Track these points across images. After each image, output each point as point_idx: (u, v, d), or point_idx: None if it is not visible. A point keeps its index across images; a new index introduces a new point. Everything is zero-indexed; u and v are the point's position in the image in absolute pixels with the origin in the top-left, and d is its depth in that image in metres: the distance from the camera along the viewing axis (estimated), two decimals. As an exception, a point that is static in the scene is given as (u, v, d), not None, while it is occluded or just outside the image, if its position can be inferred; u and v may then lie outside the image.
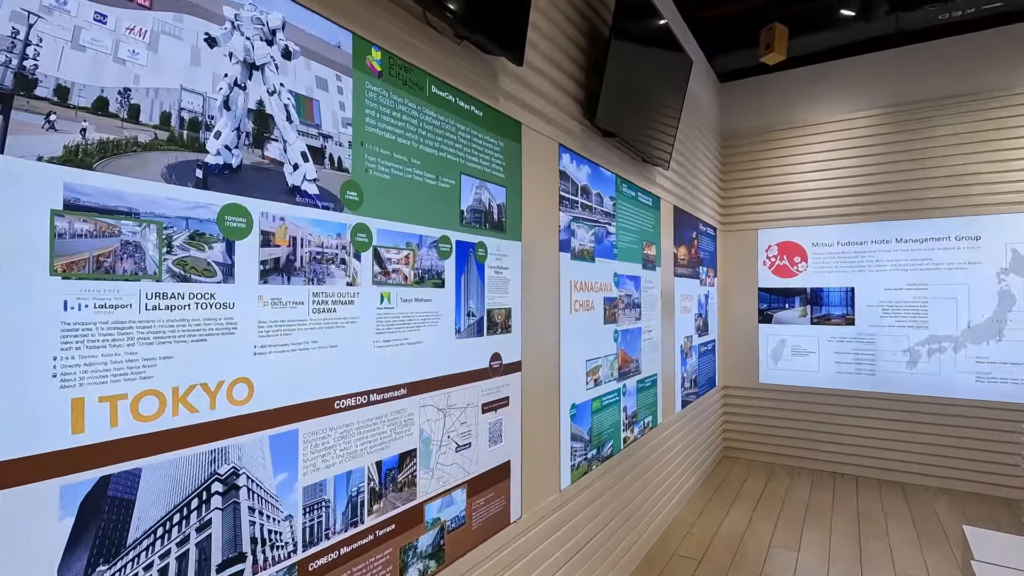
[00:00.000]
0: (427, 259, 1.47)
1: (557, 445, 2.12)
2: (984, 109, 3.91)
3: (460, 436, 1.58)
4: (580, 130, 2.33)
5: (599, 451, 2.47)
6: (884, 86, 4.25)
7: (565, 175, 2.21)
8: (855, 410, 4.30)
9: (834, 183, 4.40)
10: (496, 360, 1.75)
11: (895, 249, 4.19)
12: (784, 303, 4.60)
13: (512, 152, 1.85)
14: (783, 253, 4.61)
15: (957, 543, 3.04)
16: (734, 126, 4.83)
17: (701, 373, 4.15)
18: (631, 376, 2.83)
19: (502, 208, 1.79)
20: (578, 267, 2.31)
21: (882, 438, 4.19)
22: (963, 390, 3.95)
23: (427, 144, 1.47)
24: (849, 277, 4.35)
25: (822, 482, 4.11)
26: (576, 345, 2.28)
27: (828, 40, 4.14)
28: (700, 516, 3.46)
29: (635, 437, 2.87)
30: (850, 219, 4.34)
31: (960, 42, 4.00)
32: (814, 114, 4.49)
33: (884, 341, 4.22)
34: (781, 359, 4.60)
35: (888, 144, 4.21)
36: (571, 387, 2.24)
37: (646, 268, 3.06)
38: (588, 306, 2.40)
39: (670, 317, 3.45)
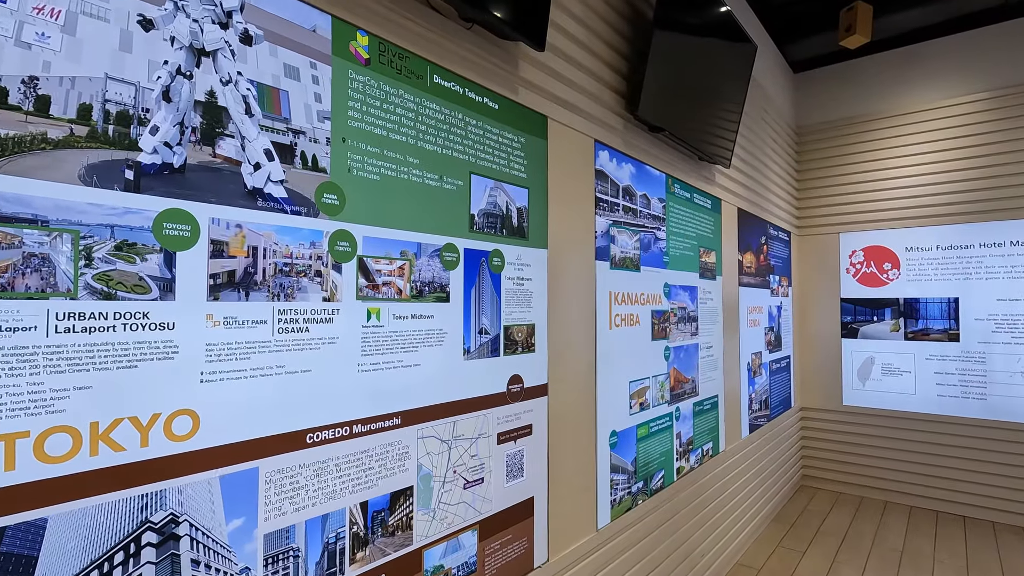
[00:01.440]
0: (428, 270, 1.29)
1: (593, 478, 1.88)
2: (1125, 85, 3.27)
3: (469, 471, 1.39)
4: (621, 125, 2.10)
5: (647, 484, 2.19)
6: (990, 66, 3.67)
7: (603, 175, 1.99)
8: (961, 439, 3.70)
9: (931, 179, 3.85)
10: (516, 383, 1.55)
11: (1010, 253, 3.59)
12: (872, 315, 4.07)
13: (536, 149, 1.65)
14: (870, 259, 4.09)
15: (1101, 612, 2.48)
16: (810, 120, 4.37)
17: (773, 393, 3.72)
18: (686, 398, 2.53)
19: (523, 212, 1.59)
20: (620, 277, 2.07)
21: (995, 473, 3.58)
22: (1103, 421, 3.30)
23: (428, 140, 1.31)
24: (952, 286, 3.77)
25: (920, 522, 3.56)
26: (617, 365, 2.04)
27: (920, 18, 3.63)
28: (771, 557, 3.06)
29: (691, 467, 2.56)
30: (952, 219, 3.78)
31: (1091, 8, 3.38)
32: (904, 102, 3.97)
33: (997, 360, 3.61)
34: (870, 379, 4.07)
35: (997, 132, 3.63)
36: (611, 412, 1.99)
37: (704, 277, 2.75)
38: (632, 320, 2.14)
39: (734, 331, 3.10)
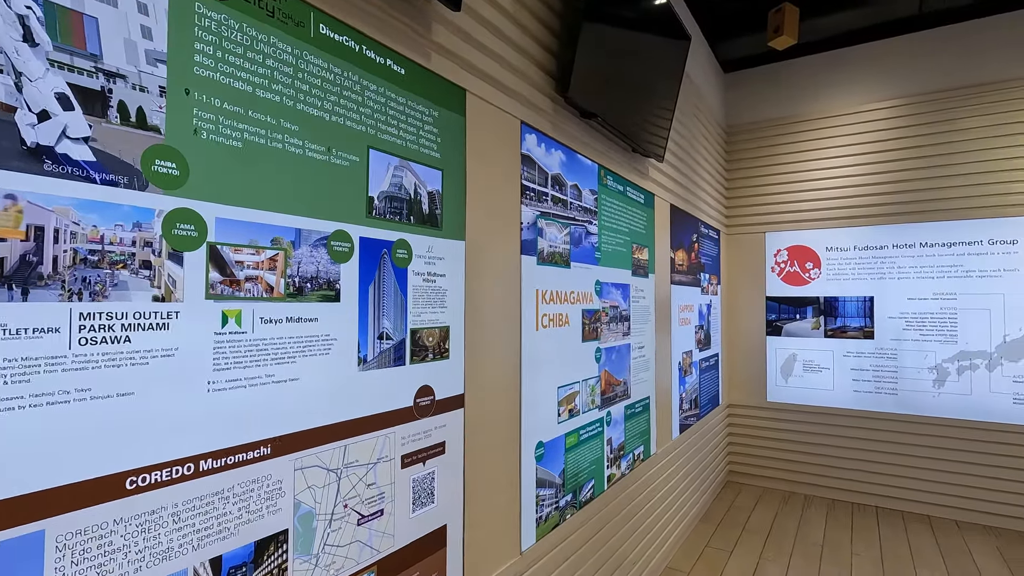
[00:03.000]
0: (311, 262, 1.06)
1: (517, 496, 1.70)
2: (1018, 98, 3.47)
3: (365, 503, 1.17)
4: (550, 107, 1.92)
5: (575, 496, 2.04)
6: (906, 74, 3.82)
7: (530, 160, 1.80)
8: (875, 433, 3.85)
9: (850, 181, 3.97)
10: (425, 396, 1.33)
11: (920, 254, 3.75)
12: (795, 314, 4.16)
13: (452, 126, 1.44)
14: (793, 259, 4.18)
15: (1002, 599, 2.59)
16: (739, 119, 4.41)
17: (703, 392, 3.71)
18: (617, 401, 2.41)
19: (436, 197, 1.38)
20: (548, 273, 1.90)
21: (906, 464, 3.74)
22: (999, 413, 3.50)
23: (312, 104, 1.07)
24: (868, 285, 3.91)
25: (839, 514, 3.66)
26: (545, 369, 1.86)
27: (844, 23, 3.73)
28: (699, 560, 3.02)
29: (622, 473, 2.44)
30: (869, 221, 3.91)
31: (990, 24, 3.57)
32: (828, 105, 4.07)
33: (907, 357, 3.77)
34: (792, 375, 4.16)
35: (911, 138, 3.78)
36: (537, 422, 1.82)
37: (636, 275, 2.64)
38: (562, 321, 1.98)
39: (666, 331, 3.03)
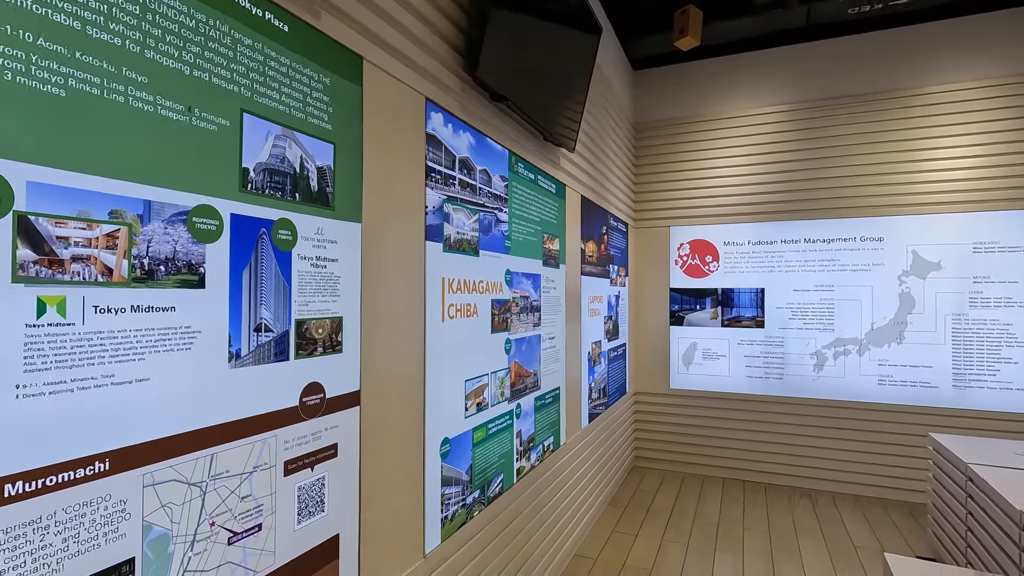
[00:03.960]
0: (165, 241, 0.89)
1: (420, 497, 1.60)
2: (888, 109, 3.85)
3: (238, 518, 1.02)
4: (459, 87, 1.82)
5: (483, 492, 1.98)
6: (793, 81, 4.11)
7: (436, 141, 1.70)
8: (764, 415, 4.14)
9: (744, 180, 4.22)
10: (314, 394, 1.20)
11: (804, 249, 4.07)
12: (696, 304, 4.38)
13: (346, 96, 1.30)
14: (695, 252, 4.38)
15: (870, 565, 2.86)
16: (647, 116, 4.55)
17: (611, 381, 3.80)
18: (527, 393, 2.37)
19: (326, 173, 1.24)
20: (455, 261, 1.80)
21: (790, 443, 4.06)
22: (866, 393, 3.88)
23: (167, 53, 0.90)
24: (759, 278, 4.18)
25: (732, 492, 3.90)
26: (451, 362, 1.78)
27: (742, 29, 3.93)
28: (606, 545, 3.08)
29: (532, 465, 2.41)
30: (760, 218, 4.18)
31: (868, 40, 3.92)
32: (725, 107, 4.29)
33: (792, 344, 4.09)
34: (692, 363, 4.37)
35: (796, 141, 4.08)
36: (443, 417, 1.73)
37: (548, 265, 2.62)
38: (470, 311, 1.90)
39: (576, 321, 3.04)
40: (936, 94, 3.74)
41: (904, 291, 3.81)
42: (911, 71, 3.81)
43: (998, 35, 3.62)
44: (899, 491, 3.77)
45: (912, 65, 3.81)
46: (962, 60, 3.70)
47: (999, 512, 2.07)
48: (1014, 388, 3.56)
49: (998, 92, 3.60)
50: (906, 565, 2.07)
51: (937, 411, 3.70)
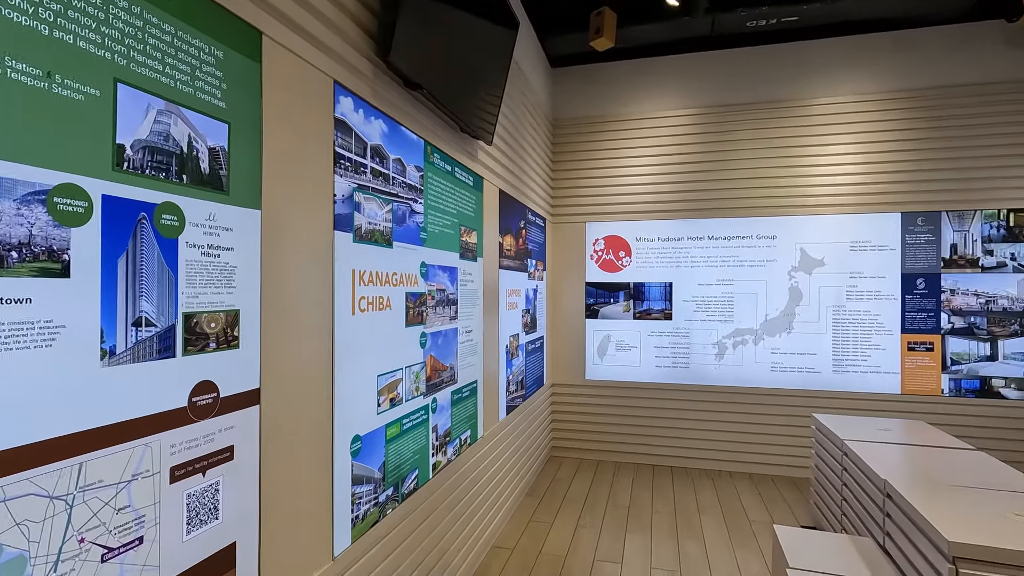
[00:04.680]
0: (18, 223, 0.78)
1: (328, 497, 1.53)
2: (782, 117, 4.17)
3: (114, 533, 0.92)
4: (371, 71, 1.76)
5: (397, 489, 1.93)
6: (699, 87, 4.35)
7: (345, 127, 1.63)
8: (671, 402, 4.38)
9: (655, 179, 4.42)
10: (206, 393, 1.11)
11: (707, 246, 4.33)
12: (610, 298, 4.54)
13: (243, 73, 1.21)
14: (609, 247, 4.54)
15: (762, 537, 3.11)
16: (565, 114, 4.64)
17: (528, 374, 3.85)
18: (444, 387, 2.35)
19: (220, 155, 1.15)
20: (367, 253, 1.74)
21: (694, 428, 4.32)
22: (760, 379, 4.21)
23: (14, 7, 0.79)
24: (668, 272, 4.41)
25: (642, 477, 4.10)
26: (363, 356, 1.72)
27: (653, 34, 4.11)
28: (523, 534, 3.13)
29: (449, 460, 2.40)
30: (669, 215, 4.40)
31: (766, 52, 4.23)
32: (637, 108, 4.47)
33: (697, 335, 4.35)
34: (606, 355, 4.53)
35: (702, 144, 4.33)
36: (353, 413, 1.67)
37: (465, 258, 2.60)
38: (382, 304, 1.84)
39: (494, 314, 3.05)
40: (823, 106, 4.10)
41: (793, 285, 4.17)
42: (802, 83, 4.16)
43: (877, 55, 4.03)
44: (788, 468, 4.13)
45: (803, 78, 4.16)
46: (846, 76, 4.09)
47: (867, 481, 2.32)
48: (882, 371, 4.00)
49: (875, 107, 4.02)
50: (791, 534, 2.27)
51: (820, 394, 4.09)
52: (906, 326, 3.97)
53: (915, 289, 3.96)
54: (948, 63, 3.91)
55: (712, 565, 2.78)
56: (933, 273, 3.93)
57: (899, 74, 3.99)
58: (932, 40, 3.94)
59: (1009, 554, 1.53)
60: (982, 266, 3.86)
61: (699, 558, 2.86)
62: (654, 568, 2.76)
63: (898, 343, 3.98)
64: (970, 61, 3.88)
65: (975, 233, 3.87)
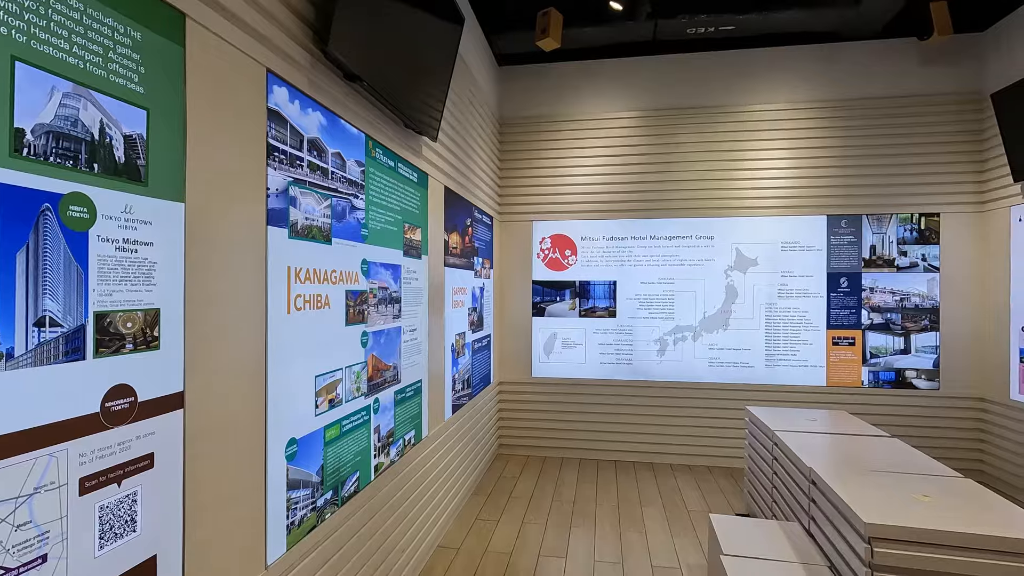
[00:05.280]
0: None
1: (261, 503, 1.47)
2: (717, 122, 4.34)
3: (12, 552, 0.85)
4: (308, 62, 1.70)
5: (337, 492, 1.88)
6: (643, 90, 4.47)
7: (280, 118, 1.56)
8: (615, 398, 4.47)
9: (600, 179, 4.51)
10: (122, 398, 1.04)
11: (650, 245, 4.45)
12: (556, 296, 4.59)
13: (164, 56, 1.14)
14: (555, 246, 4.59)
15: (700, 525, 3.23)
16: (512, 112, 4.65)
17: (475, 372, 3.84)
18: (387, 387, 2.30)
19: (137, 143, 1.07)
20: (303, 249, 1.68)
21: (637, 423, 4.44)
22: (699, 374, 4.37)
23: None
24: (612, 271, 4.50)
25: (587, 472, 4.17)
26: (299, 357, 1.66)
27: (598, 37, 4.17)
28: (469, 533, 3.12)
29: (392, 461, 2.35)
30: (614, 215, 4.49)
31: (705, 58, 4.38)
32: (583, 109, 4.54)
33: (640, 332, 4.46)
34: (552, 352, 4.58)
35: (645, 146, 4.44)
36: (289, 416, 1.61)
37: (409, 256, 2.56)
38: (321, 302, 1.78)
39: (439, 313, 3.02)
40: (758, 112, 4.30)
41: (729, 284, 4.35)
42: (739, 90, 4.34)
43: (806, 66, 4.26)
44: (724, 459, 4.31)
45: (740, 85, 4.34)
46: (778, 85, 4.29)
47: (795, 469, 2.45)
48: (809, 365, 4.24)
49: (804, 115, 4.24)
50: (725, 522, 2.36)
51: (753, 387, 4.29)
52: (831, 322, 4.23)
53: (839, 287, 4.22)
54: (868, 76, 4.18)
55: (652, 555, 2.87)
56: (855, 272, 4.20)
57: (825, 85, 4.23)
58: (854, 54, 4.20)
59: (917, 532, 1.65)
60: (897, 266, 4.16)
61: (640, 549, 2.94)
62: (598, 561, 2.82)
63: (824, 338, 4.23)
64: (887, 75, 4.17)
65: (891, 235, 4.17)
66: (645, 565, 2.77)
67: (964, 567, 1.61)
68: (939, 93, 4.11)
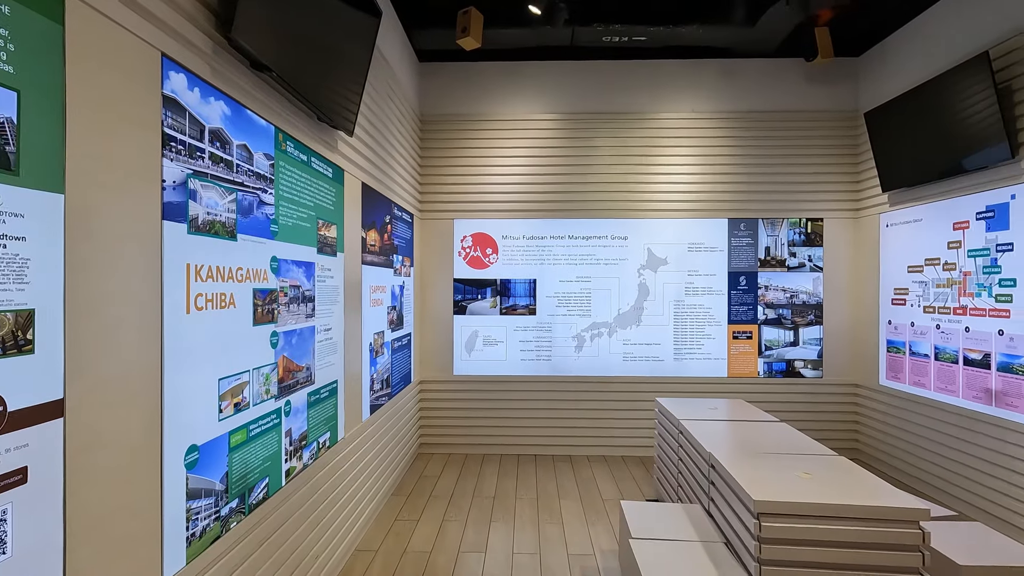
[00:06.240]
0: None
1: (157, 516, 1.38)
2: (631, 128, 4.56)
3: None
4: (210, 48, 1.61)
5: (243, 500, 1.80)
6: (562, 93, 4.59)
7: (178, 106, 1.47)
8: (535, 394, 4.58)
9: (520, 179, 4.59)
10: (-13, 407, 0.94)
11: (568, 245, 4.59)
12: (477, 294, 4.62)
13: (40, 34, 1.04)
14: (477, 244, 4.62)
15: (613, 513, 3.39)
16: (433, 110, 4.62)
17: (395, 371, 3.79)
18: (299, 389, 2.23)
19: (6, 128, 0.98)
20: (205, 245, 1.59)
21: (556, 417, 4.57)
22: (614, 368, 4.57)
23: None
24: (532, 269, 4.60)
25: (508, 467, 4.24)
26: (200, 359, 1.57)
27: (518, 39, 4.24)
28: (388, 535, 3.08)
29: (305, 465, 2.28)
30: (534, 215, 4.59)
31: (618, 66, 4.58)
32: (505, 109, 4.60)
33: (559, 329, 4.59)
34: (474, 350, 4.61)
35: (563, 148, 4.57)
36: (189, 422, 1.52)
37: (323, 253, 2.49)
38: (225, 301, 1.70)
39: (356, 312, 2.96)
40: (667, 120, 4.55)
41: (642, 282, 4.58)
42: (650, 98, 4.57)
43: (709, 79, 4.56)
44: (637, 448, 4.54)
45: (651, 93, 4.57)
46: (686, 95, 4.57)
47: (697, 455, 2.63)
48: (712, 358, 4.56)
49: (708, 124, 4.54)
50: (635, 507, 2.50)
51: (663, 380, 4.55)
52: (732, 318, 4.56)
53: (738, 285, 4.56)
54: (762, 92, 4.55)
55: (568, 544, 2.97)
56: (752, 272, 4.56)
57: (726, 97, 4.56)
58: (750, 70, 4.56)
59: (797, 506, 1.83)
60: (788, 266, 4.56)
61: (557, 539, 3.03)
62: (516, 553, 2.88)
63: (725, 333, 4.56)
64: (779, 91, 4.56)
65: (783, 238, 4.56)
66: (561, 554, 2.86)
67: (837, 534, 1.81)
68: (822, 110, 4.55)
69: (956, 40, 3.55)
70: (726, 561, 2.00)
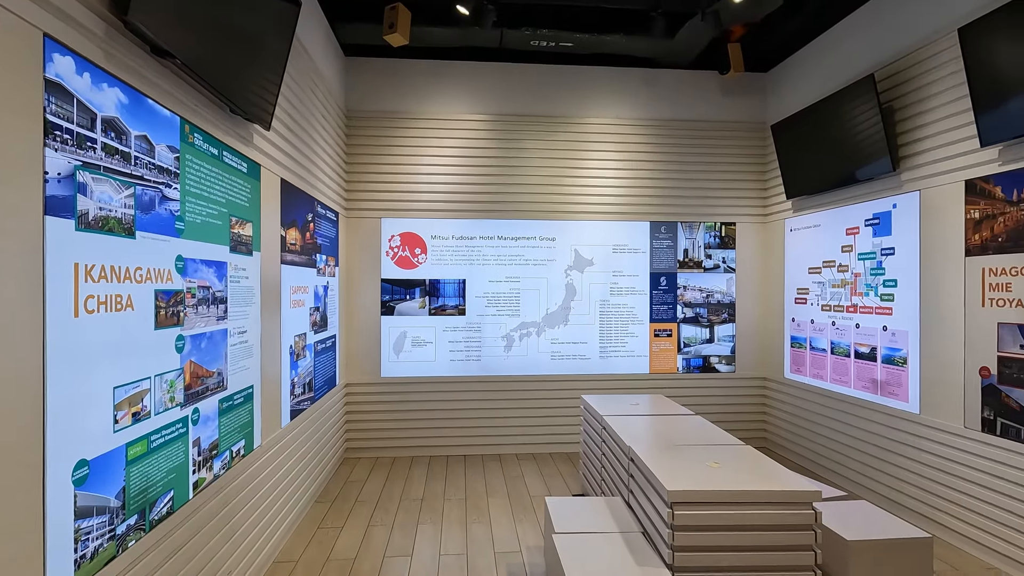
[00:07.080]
0: None
1: (38, 538, 1.26)
2: (559, 131, 4.65)
3: None
4: (103, 30, 1.49)
5: (143, 516, 1.68)
6: (491, 94, 4.62)
7: (64, 92, 1.35)
8: (464, 394, 4.58)
9: (449, 179, 4.57)
10: None
11: (497, 245, 4.62)
12: (406, 294, 4.55)
13: None
14: (405, 244, 4.55)
15: (540, 509, 3.45)
16: (360, 106, 4.51)
17: (318, 374, 3.66)
18: (209, 395, 2.11)
19: None
20: (97, 243, 1.47)
21: (485, 417, 4.59)
22: (542, 367, 4.65)
23: None
24: (462, 270, 4.59)
25: (437, 469, 4.21)
26: (92, 366, 1.45)
27: (446, 38, 4.21)
28: (310, 544, 2.98)
29: (216, 475, 2.16)
30: (463, 215, 4.59)
31: (546, 70, 4.66)
32: (433, 108, 4.56)
33: (488, 329, 4.61)
34: (403, 351, 4.54)
35: (493, 148, 4.60)
36: (78, 434, 1.40)
37: (237, 252, 2.37)
38: (121, 303, 1.58)
39: (275, 313, 2.83)
40: (592, 124, 4.69)
41: (569, 282, 4.69)
42: (576, 103, 4.69)
43: (632, 87, 4.74)
44: (565, 445, 4.64)
45: (577, 98, 4.69)
46: (610, 101, 4.72)
47: (618, 449, 2.73)
48: (636, 355, 4.74)
49: (630, 130, 4.72)
50: (559, 503, 2.55)
51: (589, 377, 4.68)
52: (653, 316, 4.77)
53: (659, 286, 4.77)
54: (680, 101, 4.79)
55: (496, 542, 3.00)
56: (672, 272, 4.79)
57: (646, 105, 4.76)
58: (669, 80, 4.78)
59: (706, 494, 1.94)
60: (704, 267, 4.82)
61: (485, 538, 3.05)
62: (443, 554, 2.86)
63: (647, 331, 4.76)
64: (696, 101, 4.81)
65: (700, 240, 4.82)
66: (488, 553, 2.88)
67: (741, 518, 1.94)
68: (734, 120, 4.85)
69: (850, 60, 3.89)
70: (643, 550, 2.09)
